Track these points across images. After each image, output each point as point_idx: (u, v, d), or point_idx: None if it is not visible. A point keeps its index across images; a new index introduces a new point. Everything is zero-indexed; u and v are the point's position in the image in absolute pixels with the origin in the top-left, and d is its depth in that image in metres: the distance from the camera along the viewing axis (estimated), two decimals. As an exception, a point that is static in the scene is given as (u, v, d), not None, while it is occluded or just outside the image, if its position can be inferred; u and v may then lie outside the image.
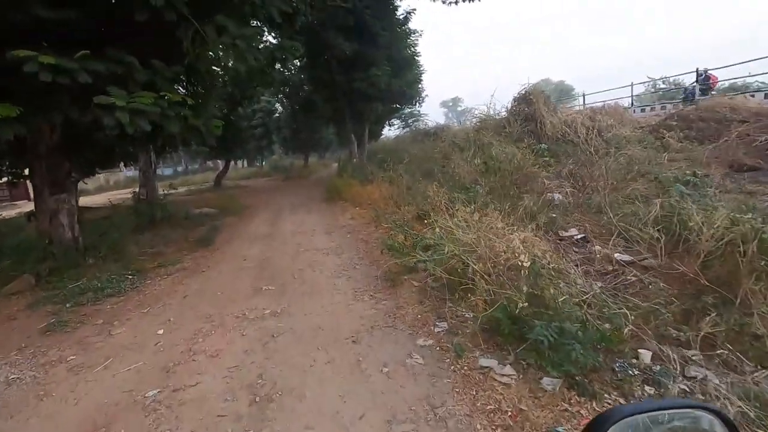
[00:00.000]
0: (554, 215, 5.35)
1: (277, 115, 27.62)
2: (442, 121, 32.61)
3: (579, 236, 5.01)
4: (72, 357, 3.39)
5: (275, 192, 16.27)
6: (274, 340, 3.28)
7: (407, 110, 29.07)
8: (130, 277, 5.47)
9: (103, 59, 4.54)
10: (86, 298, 4.78)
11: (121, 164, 18.84)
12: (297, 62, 17.39)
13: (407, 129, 32.25)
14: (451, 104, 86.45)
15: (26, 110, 4.23)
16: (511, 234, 3.22)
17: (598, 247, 4.44)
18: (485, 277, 2.94)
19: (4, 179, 10.26)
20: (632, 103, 13.73)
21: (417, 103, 23.81)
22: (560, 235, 5.05)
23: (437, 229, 3.32)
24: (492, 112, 11.73)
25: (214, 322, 3.79)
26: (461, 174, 6.57)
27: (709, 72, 12.58)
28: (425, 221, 4.65)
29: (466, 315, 3.26)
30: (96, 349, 3.51)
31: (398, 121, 33.56)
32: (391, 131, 32.59)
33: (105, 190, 26.18)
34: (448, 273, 3.37)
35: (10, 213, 14.49)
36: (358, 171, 13.39)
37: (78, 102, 4.57)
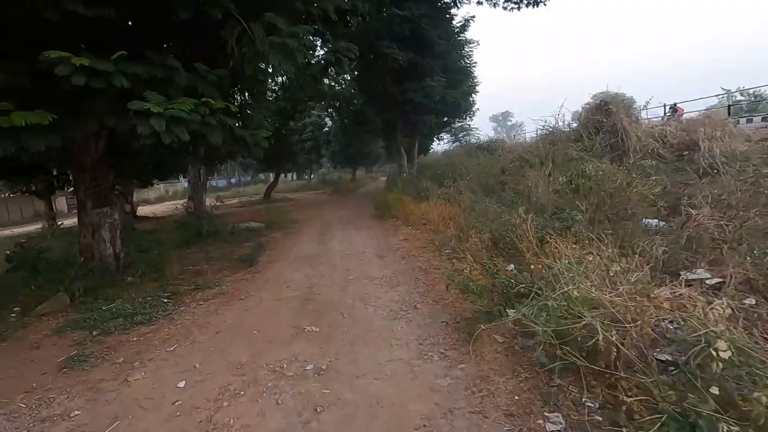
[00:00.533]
0: (665, 248, 4.16)
1: (326, 129, 27.90)
2: (491, 135, 31.21)
3: (713, 281, 3.79)
4: (77, 413, 2.79)
5: (323, 206, 15.86)
6: (316, 418, 2.44)
7: (458, 124, 28.02)
8: (165, 301, 4.99)
9: (143, 61, 4.10)
10: (115, 324, 4.35)
11: (180, 175, 19.57)
12: (347, 76, 17.11)
13: (456, 143, 31.24)
14: (500, 118, 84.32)
15: (61, 118, 3.84)
16: (658, 289, 2.18)
17: (752, 301, 3.24)
18: (632, 357, 1.94)
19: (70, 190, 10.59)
20: (729, 114, 11.73)
21: (468, 117, 22.85)
22: (685, 278, 3.85)
23: (567, 291, 2.29)
24: (560, 124, 10.53)
25: (245, 376, 3.05)
26: (539, 194, 5.50)
27: (677, 105, 13.99)
28: (508, 255, 3.67)
29: (588, 404, 2.25)
30: (106, 402, 2.90)
31: (447, 135, 32.51)
32: (439, 146, 31.76)
33: (165, 200, 27.61)
34: (559, 337, 2.37)
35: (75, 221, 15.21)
36: (409, 186, 12.59)
37: (114, 108, 4.14)
